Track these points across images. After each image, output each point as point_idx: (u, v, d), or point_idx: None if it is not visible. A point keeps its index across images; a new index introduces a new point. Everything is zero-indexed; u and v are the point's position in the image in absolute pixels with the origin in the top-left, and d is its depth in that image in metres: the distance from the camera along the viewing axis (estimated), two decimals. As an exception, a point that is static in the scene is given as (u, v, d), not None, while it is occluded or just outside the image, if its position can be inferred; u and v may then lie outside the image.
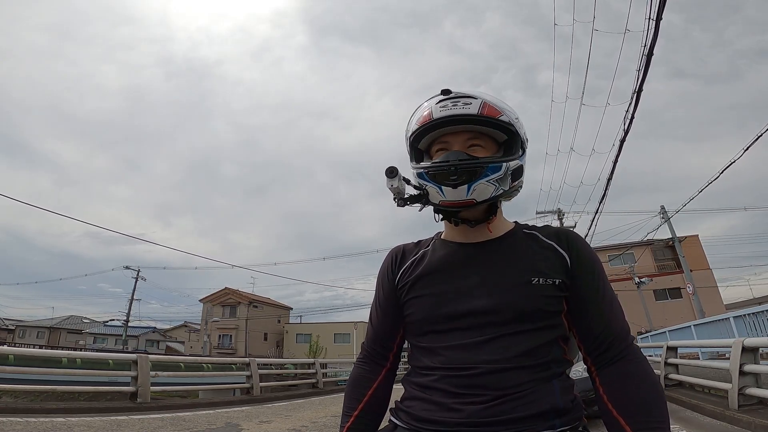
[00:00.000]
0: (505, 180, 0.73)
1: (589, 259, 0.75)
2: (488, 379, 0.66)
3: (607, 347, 0.70)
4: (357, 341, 29.89)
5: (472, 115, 0.73)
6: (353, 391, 0.84)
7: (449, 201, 0.72)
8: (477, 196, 0.71)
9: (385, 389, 0.85)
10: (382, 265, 0.88)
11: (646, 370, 0.69)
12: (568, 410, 0.67)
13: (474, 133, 0.76)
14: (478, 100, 0.74)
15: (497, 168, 0.72)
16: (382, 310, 0.85)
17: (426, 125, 0.75)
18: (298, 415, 6.26)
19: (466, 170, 0.70)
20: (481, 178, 0.70)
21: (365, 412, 0.81)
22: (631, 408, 0.64)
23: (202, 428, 4.81)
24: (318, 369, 11.09)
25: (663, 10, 5.41)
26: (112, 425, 4.43)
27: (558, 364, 0.71)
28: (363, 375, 0.85)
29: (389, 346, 0.85)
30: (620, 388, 0.67)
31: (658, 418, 0.63)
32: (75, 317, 38.37)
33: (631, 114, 7.70)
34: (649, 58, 6.21)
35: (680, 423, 4.75)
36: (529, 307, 0.69)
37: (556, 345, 0.72)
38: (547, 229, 0.80)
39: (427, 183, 0.74)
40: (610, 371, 0.69)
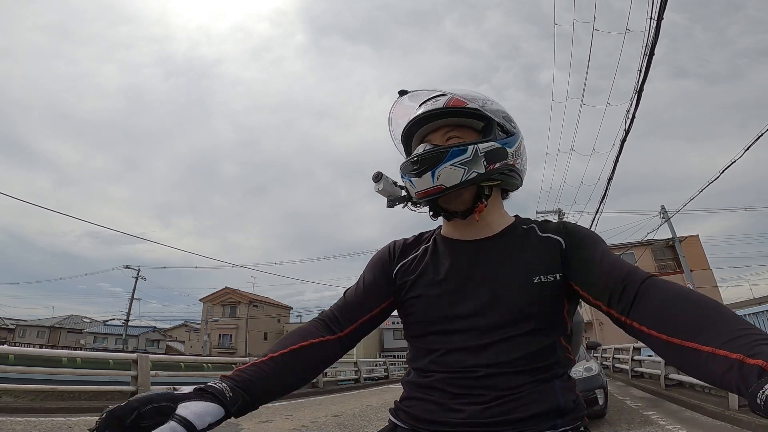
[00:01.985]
0: (476, 162, 0.71)
1: (585, 234, 0.74)
2: (489, 381, 0.66)
3: (623, 287, 0.61)
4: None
5: (438, 109, 0.76)
6: (286, 337, 0.74)
7: (420, 191, 0.72)
8: (444, 180, 0.70)
9: (320, 351, 0.73)
10: (379, 252, 0.86)
11: (685, 289, 0.58)
12: (569, 410, 0.66)
13: (451, 127, 0.77)
14: (447, 95, 0.77)
15: (461, 150, 0.71)
16: (364, 289, 0.82)
17: (406, 126, 0.81)
18: (298, 414, 6.26)
19: (427, 158, 0.71)
20: (444, 162, 0.70)
21: (278, 361, 0.68)
22: (699, 323, 0.51)
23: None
24: (318, 369, 11.06)
25: (664, 10, 5.41)
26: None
27: (560, 364, 0.70)
28: (307, 329, 0.76)
29: (352, 318, 0.79)
30: (669, 310, 0.55)
31: (742, 325, 0.49)
32: (75, 317, 38.41)
33: (631, 114, 7.70)
34: (650, 58, 6.21)
35: (681, 423, 4.75)
36: (530, 308, 0.68)
37: (558, 344, 0.71)
38: (546, 224, 0.79)
39: (403, 178, 0.77)
40: (642, 306, 0.58)
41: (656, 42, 5.88)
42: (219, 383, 0.59)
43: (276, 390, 0.67)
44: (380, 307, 0.80)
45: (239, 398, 0.60)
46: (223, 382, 0.60)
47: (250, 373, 0.64)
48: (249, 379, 0.63)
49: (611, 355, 12.28)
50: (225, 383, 0.60)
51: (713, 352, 0.47)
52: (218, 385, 0.59)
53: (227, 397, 0.58)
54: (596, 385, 4.75)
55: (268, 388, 0.65)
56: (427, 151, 0.72)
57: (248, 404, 0.62)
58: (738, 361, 0.44)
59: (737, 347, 0.45)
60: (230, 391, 0.59)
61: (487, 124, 0.76)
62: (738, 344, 0.45)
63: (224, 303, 35.12)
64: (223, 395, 0.57)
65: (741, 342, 0.46)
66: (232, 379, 0.62)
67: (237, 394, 0.60)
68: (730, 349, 0.45)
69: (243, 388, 0.61)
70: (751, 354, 0.43)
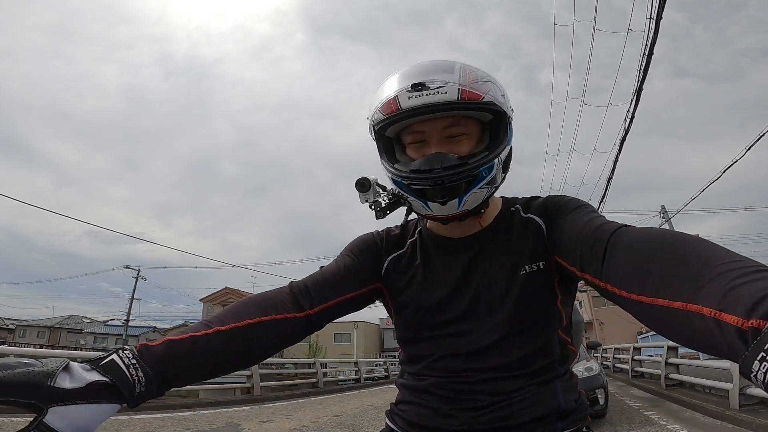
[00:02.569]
0: (497, 176, 0.64)
1: (563, 203, 0.66)
2: (485, 386, 0.63)
3: (591, 244, 0.53)
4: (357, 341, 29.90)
5: (450, 103, 0.60)
6: (242, 306, 0.61)
7: (437, 216, 0.64)
8: (470, 205, 0.63)
9: (281, 328, 0.61)
10: (364, 238, 0.78)
11: (658, 232, 0.48)
12: (571, 411, 0.64)
13: (454, 118, 0.63)
14: (452, 84, 0.60)
15: (489, 168, 0.62)
16: (345, 269, 0.71)
17: (393, 116, 0.62)
18: (299, 414, 6.26)
19: (455, 182, 0.60)
20: (473, 188, 0.61)
21: (227, 336, 0.56)
22: (670, 271, 0.40)
23: (203, 428, 4.81)
24: (318, 369, 11.08)
25: (663, 10, 5.41)
26: (113, 425, 4.43)
27: (560, 361, 0.66)
28: (271, 299, 0.63)
29: (328, 295, 0.67)
30: (637, 262, 0.45)
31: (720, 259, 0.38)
32: (75, 317, 38.39)
33: (631, 114, 7.69)
34: (650, 58, 6.21)
35: (681, 423, 4.74)
36: (521, 303, 0.63)
37: (556, 339, 0.66)
38: (530, 203, 0.71)
39: (409, 195, 0.64)
40: (611, 262, 0.48)
41: (655, 42, 5.89)
42: (129, 358, 0.47)
43: (212, 371, 0.57)
44: (361, 291, 0.72)
45: (152, 384, 0.48)
46: (136, 359, 0.48)
47: (183, 347, 0.52)
48: (179, 356, 0.52)
49: (612, 354, 12.27)
50: (137, 361, 0.47)
51: (684, 308, 0.36)
52: (126, 361, 0.46)
53: (132, 384, 0.45)
54: (597, 385, 4.74)
55: (203, 370, 0.55)
56: (454, 174, 0.59)
57: (162, 388, 0.51)
58: (711, 318, 0.33)
59: (711, 295, 0.34)
60: (141, 376, 0.46)
61: (497, 118, 0.64)
62: (712, 290, 0.34)
63: (224, 303, 35.09)
64: (126, 382, 0.45)
65: (715, 286, 0.34)
66: (152, 354, 0.49)
67: (151, 378, 0.47)
68: (703, 301, 0.34)
69: (164, 368, 0.50)
70: (726, 305, 0.32)
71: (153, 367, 0.49)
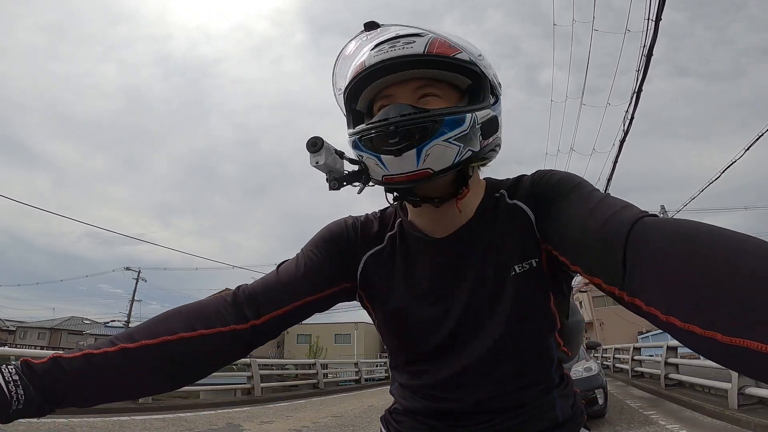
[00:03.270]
0: (472, 137, 0.53)
1: (555, 184, 0.56)
2: (481, 401, 0.59)
3: (602, 245, 0.43)
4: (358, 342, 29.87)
5: (416, 55, 0.53)
6: (175, 316, 0.54)
7: (395, 175, 0.52)
8: (433, 163, 0.51)
9: (220, 344, 0.54)
10: (332, 229, 0.67)
11: (692, 230, 0.37)
12: (567, 420, 0.61)
13: (425, 80, 0.56)
14: (423, 36, 0.55)
15: (459, 121, 0.52)
16: (306, 268, 0.62)
17: (358, 76, 0.56)
18: (299, 415, 6.26)
19: (412, 128, 0.51)
20: (436, 137, 0.51)
21: (151, 352, 0.50)
22: (707, 290, 0.32)
23: (203, 428, 4.81)
24: (319, 369, 11.09)
25: (662, 11, 5.42)
26: (114, 426, 4.44)
27: (557, 370, 0.63)
28: (210, 308, 0.55)
29: (281, 302, 0.59)
30: (668, 271, 0.36)
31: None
32: (76, 318, 38.35)
33: (630, 114, 7.71)
34: (649, 59, 6.23)
35: (680, 423, 4.75)
36: (516, 310, 0.57)
37: (552, 346, 0.61)
38: (516, 186, 0.62)
39: (363, 153, 0.55)
40: (632, 270, 0.39)
41: (654, 43, 5.90)
42: (11, 374, 0.44)
43: (118, 393, 0.50)
44: (326, 293, 0.63)
45: (33, 403, 0.44)
46: (19, 375, 0.44)
47: (73, 366, 0.47)
48: (68, 375, 0.46)
49: (611, 354, 12.27)
50: (20, 378, 0.44)
51: (730, 343, 0.29)
52: (6, 377, 0.43)
53: (8, 400, 0.42)
54: (596, 385, 4.75)
55: (102, 391, 0.49)
56: (410, 117, 0.51)
57: (46, 408, 0.46)
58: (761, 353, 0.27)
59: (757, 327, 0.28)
60: (21, 393, 0.43)
61: (476, 83, 0.57)
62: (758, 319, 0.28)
63: (224, 304, 35.01)
64: (2, 398, 0.42)
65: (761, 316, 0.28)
66: (35, 372, 0.45)
67: (32, 397, 0.44)
68: (750, 334, 0.28)
69: (49, 387, 0.45)
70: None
71: (36, 385, 0.45)
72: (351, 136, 0.58)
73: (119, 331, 4.40)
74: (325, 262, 0.63)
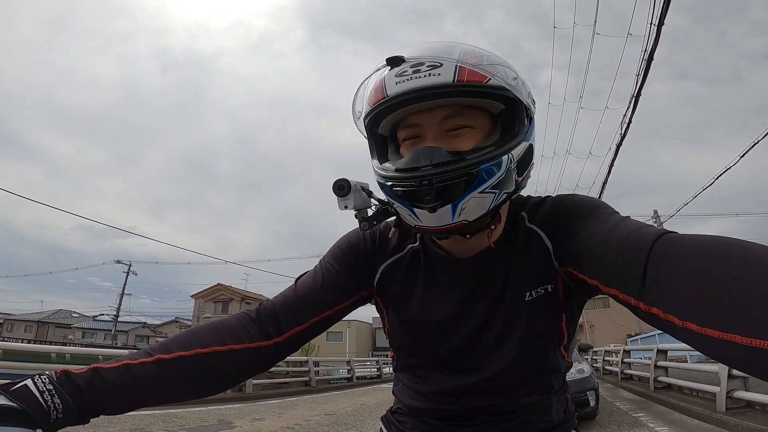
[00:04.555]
0: (508, 179, 0.51)
1: (574, 211, 0.55)
2: (485, 409, 0.61)
3: (623, 255, 0.43)
4: (350, 340, 29.85)
5: (445, 86, 0.49)
6: (199, 332, 0.56)
7: (429, 227, 0.52)
8: (468, 215, 0.50)
9: (248, 359, 0.56)
10: (349, 240, 0.67)
11: (713, 245, 0.37)
12: (561, 422, 0.64)
13: (453, 108, 0.53)
14: (449, 61, 0.50)
15: (495, 167, 0.49)
16: (323, 282, 0.62)
17: (379, 106, 0.53)
18: (291, 413, 6.24)
19: (448, 184, 0.48)
20: (472, 191, 0.49)
21: (169, 366, 0.52)
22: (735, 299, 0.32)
23: (194, 425, 4.77)
24: (311, 367, 11.06)
25: (665, 15, 5.45)
26: (103, 422, 4.38)
27: (559, 382, 0.65)
28: (232, 327, 0.57)
29: (301, 318, 0.60)
30: (692, 282, 0.36)
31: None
32: (64, 311, 37.85)
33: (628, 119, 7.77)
34: (649, 63, 6.26)
35: (669, 425, 4.81)
36: (529, 333, 0.58)
37: (558, 359, 0.63)
38: (536, 209, 0.61)
39: (393, 201, 0.54)
40: (657, 282, 0.39)
41: (656, 47, 5.94)
42: (44, 384, 0.45)
43: (154, 400, 0.53)
44: (345, 304, 0.64)
45: (71, 411, 0.45)
46: (53, 384, 0.45)
47: (113, 376, 0.49)
48: (107, 385, 0.48)
49: (602, 357, 12.40)
50: (54, 387, 0.45)
51: (750, 345, 0.30)
52: (40, 387, 0.45)
53: (46, 410, 0.44)
54: (587, 387, 4.79)
55: (139, 399, 0.51)
56: (443, 171, 0.48)
57: (86, 416, 0.48)
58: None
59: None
60: (57, 402, 0.44)
61: (510, 108, 0.53)
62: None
63: (216, 299, 34.84)
64: (39, 408, 0.43)
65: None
66: (73, 382, 0.47)
67: (69, 405, 0.45)
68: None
69: (87, 396, 0.47)
70: None
71: (73, 394, 0.46)
72: (379, 177, 0.55)
73: (107, 325, 4.30)
74: (342, 273, 0.64)
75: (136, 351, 0.54)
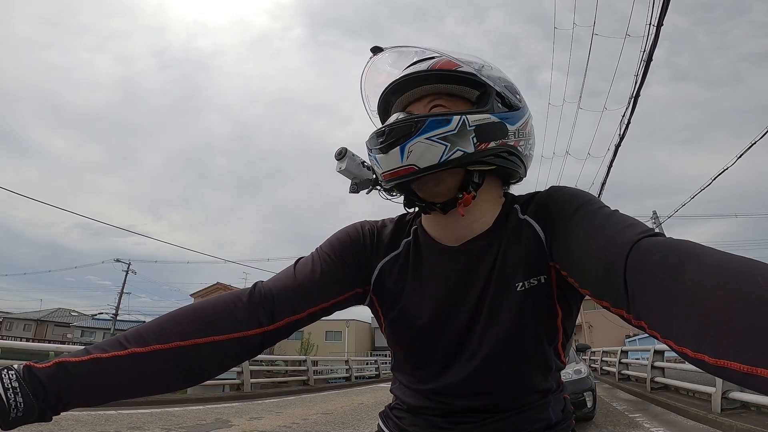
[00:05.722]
0: (462, 137, 0.55)
1: (564, 203, 0.57)
2: (482, 408, 0.62)
3: (605, 270, 0.44)
4: (349, 339, 29.86)
5: (421, 71, 0.61)
6: (188, 316, 0.53)
7: (386, 171, 0.57)
8: (417, 160, 0.54)
9: (231, 349, 0.54)
10: (348, 234, 0.68)
11: (692, 257, 0.37)
12: (559, 421, 0.65)
13: (436, 95, 0.62)
14: (435, 57, 0.61)
15: (443, 121, 0.54)
16: (322, 274, 0.62)
17: (383, 94, 0.65)
18: (289, 412, 6.24)
19: (397, 129, 0.55)
20: (418, 135, 0.54)
21: (161, 356, 0.49)
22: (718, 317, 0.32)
23: (191, 424, 4.78)
24: (309, 366, 11.06)
25: (665, 16, 5.45)
26: (100, 420, 4.38)
27: (555, 379, 0.66)
28: (224, 312, 0.55)
29: (297, 308, 0.59)
30: (670, 299, 0.36)
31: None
32: (63, 310, 37.78)
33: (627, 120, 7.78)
34: (648, 64, 6.27)
35: (664, 426, 4.83)
36: (520, 325, 0.58)
37: (553, 357, 0.62)
38: (529, 201, 0.63)
39: (370, 156, 0.62)
40: (633, 295, 0.40)
41: (655, 48, 5.95)
42: (10, 381, 0.43)
43: (125, 394, 0.50)
44: (341, 298, 0.64)
45: (32, 410, 0.43)
46: (19, 381, 0.43)
47: (80, 370, 0.46)
48: (74, 379, 0.46)
49: (599, 357, 12.43)
50: (20, 384, 0.43)
51: (715, 364, 0.31)
52: (6, 383, 0.43)
53: (6, 408, 0.42)
54: (585, 388, 4.80)
55: (109, 392, 0.49)
56: (399, 121, 0.57)
57: (47, 414, 0.45)
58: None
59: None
60: (20, 401, 0.43)
61: (482, 92, 0.61)
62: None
63: (216, 299, 34.74)
64: (0, 407, 0.41)
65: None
66: (36, 378, 0.44)
67: (31, 404, 0.43)
68: (734, 356, 0.29)
69: (51, 392, 0.45)
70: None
71: (35, 391, 0.44)
72: (366, 144, 0.63)
73: (106, 323, 4.21)
74: (340, 268, 0.64)
75: (107, 341, 0.50)
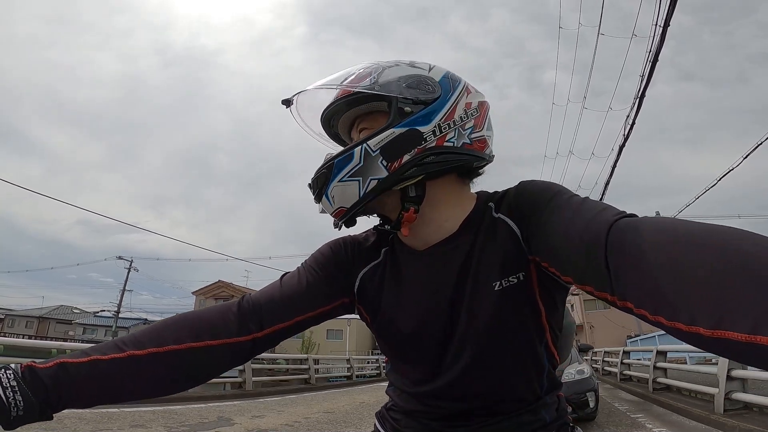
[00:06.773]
0: (370, 166, 0.55)
1: (535, 197, 0.56)
2: (473, 410, 0.61)
3: (584, 250, 0.44)
4: (350, 338, 29.91)
5: (332, 104, 0.63)
6: (178, 323, 0.56)
7: (330, 214, 0.60)
8: (341, 202, 0.57)
9: (222, 355, 0.56)
10: (333, 248, 0.70)
11: (669, 229, 0.37)
12: (553, 420, 0.64)
13: (360, 117, 0.64)
14: (338, 84, 0.62)
15: (347, 159, 0.56)
16: (308, 286, 0.64)
17: (324, 126, 0.69)
18: (291, 410, 6.26)
19: (319, 177, 0.59)
20: (332, 180, 0.57)
21: (148, 361, 0.51)
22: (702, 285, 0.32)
23: (194, 422, 4.80)
24: (311, 365, 11.09)
25: (671, 16, 5.41)
26: (103, 417, 4.40)
27: (549, 378, 0.64)
28: (215, 320, 0.57)
29: (283, 317, 0.61)
30: (657, 276, 0.35)
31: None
32: (65, 307, 37.96)
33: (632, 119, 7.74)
34: (654, 64, 6.23)
35: (666, 426, 4.81)
36: (501, 325, 0.57)
37: (543, 356, 0.61)
38: (503, 198, 0.61)
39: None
40: (622, 277, 0.39)
41: (661, 48, 5.91)
42: (9, 380, 0.45)
43: (123, 397, 0.53)
44: (326, 308, 0.66)
45: (33, 409, 0.45)
46: (17, 380, 0.45)
47: (79, 371, 0.48)
48: (73, 381, 0.48)
49: (601, 357, 12.41)
50: (18, 383, 0.45)
51: (712, 336, 0.30)
52: (4, 382, 0.44)
53: (7, 407, 0.43)
54: (587, 388, 4.79)
55: (108, 394, 0.51)
56: (318, 170, 0.60)
57: (47, 413, 0.47)
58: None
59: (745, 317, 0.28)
60: (19, 399, 0.44)
61: (389, 105, 0.58)
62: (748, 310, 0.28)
63: (217, 296, 34.93)
64: (1, 407, 0.43)
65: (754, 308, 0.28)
66: (37, 377, 0.46)
67: (31, 403, 0.44)
68: (730, 326, 0.29)
69: (51, 392, 0.46)
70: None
71: (36, 391, 0.45)
72: None
73: (108, 321, 4.27)
74: (323, 279, 0.66)
75: (105, 344, 0.53)
